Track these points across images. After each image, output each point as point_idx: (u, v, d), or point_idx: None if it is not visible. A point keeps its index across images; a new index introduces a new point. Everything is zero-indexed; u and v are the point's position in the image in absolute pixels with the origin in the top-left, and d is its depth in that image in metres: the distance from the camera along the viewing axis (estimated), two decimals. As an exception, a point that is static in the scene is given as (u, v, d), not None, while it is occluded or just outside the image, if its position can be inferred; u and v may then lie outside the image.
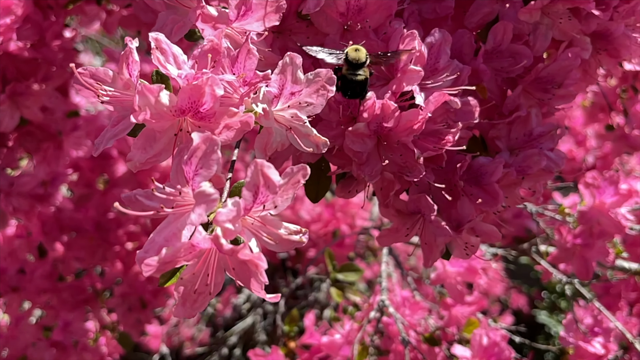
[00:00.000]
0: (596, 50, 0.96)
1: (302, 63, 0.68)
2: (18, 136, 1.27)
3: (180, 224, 0.53)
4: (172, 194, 0.55)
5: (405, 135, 0.75)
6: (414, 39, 0.76)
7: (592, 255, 1.32)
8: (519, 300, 3.26)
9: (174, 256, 0.51)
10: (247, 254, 0.52)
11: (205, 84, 0.54)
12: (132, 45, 0.58)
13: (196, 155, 0.52)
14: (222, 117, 0.57)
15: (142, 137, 0.57)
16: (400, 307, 1.53)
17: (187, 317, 0.58)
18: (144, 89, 0.53)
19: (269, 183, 0.53)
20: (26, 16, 1.05)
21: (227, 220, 0.50)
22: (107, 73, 0.61)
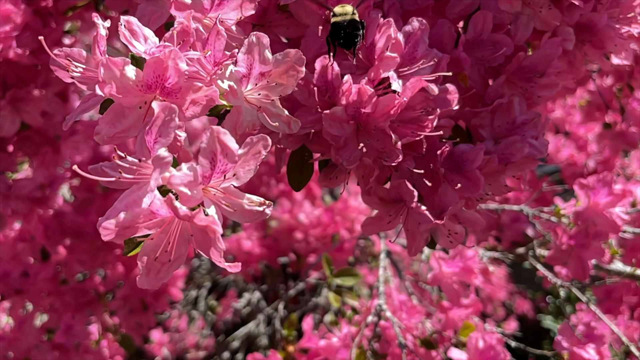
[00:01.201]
0: (580, 41, 0.95)
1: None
2: (17, 140, 1.29)
3: (142, 192, 0.53)
4: (134, 164, 0.55)
5: (383, 120, 0.75)
6: (389, 26, 0.76)
7: (588, 255, 1.32)
8: (523, 305, 3.21)
9: (132, 221, 0.51)
10: (202, 218, 0.52)
11: (167, 57, 0.54)
12: (99, 21, 0.59)
13: (156, 124, 0.53)
14: (188, 93, 0.57)
15: (110, 112, 0.58)
16: (398, 311, 1.52)
17: (151, 287, 0.57)
18: (108, 62, 0.54)
19: (227, 150, 0.54)
20: (26, 24, 1.08)
21: (182, 183, 0.51)
22: (81, 53, 0.62)
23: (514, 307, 3.21)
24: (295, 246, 1.85)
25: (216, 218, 0.53)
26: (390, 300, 1.66)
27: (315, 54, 0.80)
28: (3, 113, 1.15)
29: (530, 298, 3.38)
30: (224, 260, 0.56)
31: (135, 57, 0.62)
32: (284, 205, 1.87)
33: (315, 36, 0.81)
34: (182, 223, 0.55)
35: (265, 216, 0.59)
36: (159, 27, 0.72)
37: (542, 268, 1.51)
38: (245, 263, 1.88)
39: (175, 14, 0.68)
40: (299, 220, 1.80)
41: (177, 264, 0.57)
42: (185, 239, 0.56)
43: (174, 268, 0.57)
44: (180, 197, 0.51)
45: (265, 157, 0.60)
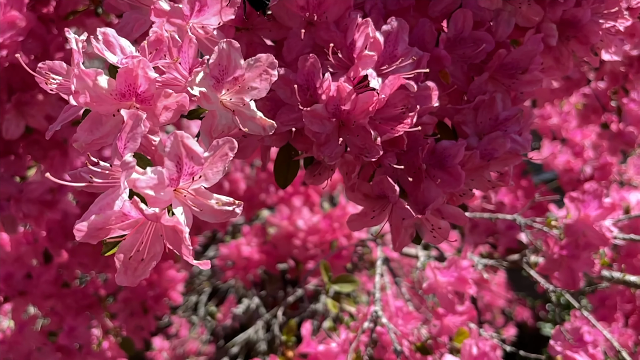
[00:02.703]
0: (566, 37, 0.95)
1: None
2: (26, 145, 1.32)
3: (115, 195, 0.55)
4: (106, 168, 0.58)
5: (362, 117, 0.76)
6: (367, 26, 0.78)
7: (578, 266, 1.35)
8: (523, 312, 3.19)
9: (104, 223, 0.53)
10: (167, 219, 0.54)
11: (137, 66, 0.56)
12: (71, 36, 0.62)
13: (125, 131, 0.55)
14: (160, 99, 0.59)
15: (88, 120, 0.61)
16: (394, 318, 1.53)
17: (129, 284, 0.59)
18: (81, 72, 0.56)
19: (192, 154, 0.55)
20: (30, 30, 1.11)
21: (147, 186, 0.53)
22: (62, 66, 0.65)
23: (513, 314, 3.19)
24: (294, 252, 1.86)
25: (181, 219, 0.56)
26: (387, 306, 1.67)
27: (298, 54, 0.81)
28: (8, 116, 1.18)
29: (530, 305, 3.36)
30: (192, 258, 0.57)
31: (114, 67, 0.64)
32: (283, 211, 1.88)
33: (297, 37, 0.82)
34: (154, 224, 0.57)
35: (235, 215, 0.60)
36: (142, 32, 0.75)
37: (536, 274, 1.52)
38: (245, 269, 1.90)
39: (155, 20, 0.71)
40: (298, 227, 1.82)
41: (152, 261, 0.59)
42: (158, 238, 0.58)
43: (150, 266, 0.59)
44: (146, 199, 0.53)
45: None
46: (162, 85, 0.62)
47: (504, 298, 2.85)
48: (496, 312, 2.97)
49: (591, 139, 2.11)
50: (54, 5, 1.22)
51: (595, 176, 2.03)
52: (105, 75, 0.59)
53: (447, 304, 1.50)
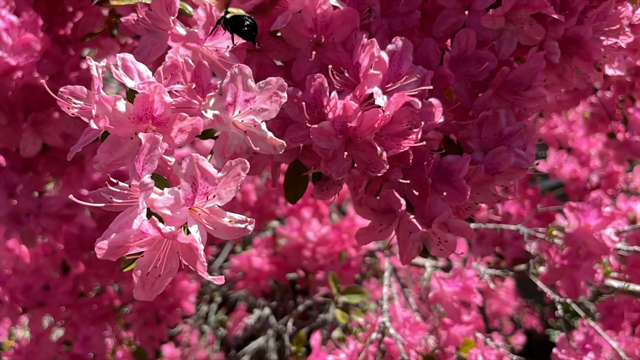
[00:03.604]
0: (568, 54, 0.97)
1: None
2: (44, 161, 1.36)
3: (133, 214, 0.58)
4: (125, 189, 0.60)
5: (368, 133, 0.78)
6: (372, 46, 0.80)
7: (580, 275, 1.36)
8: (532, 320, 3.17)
9: (124, 241, 0.55)
10: (184, 237, 0.56)
11: (153, 92, 0.59)
12: (92, 63, 0.65)
13: (143, 153, 0.58)
14: (175, 122, 0.62)
15: (107, 142, 0.64)
16: (401, 328, 1.54)
17: (146, 299, 0.61)
18: (101, 98, 0.59)
19: (206, 175, 0.58)
20: (45, 51, 1.14)
21: (164, 206, 0.55)
22: (83, 90, 0.68)
23: (522, 321, 3.16)
24: (304, 263, 1.87)
25: (197, 237, 0.58)
26: (395, 317, 1.68)
27: (307, 74, 0.84)
28: (25, 135, 1.22)
29: (539, 312, 3.34)
30: (207, 274, 0.60)
31: (132, 91, 0.67)
32: (293, 223, 1.90)
33: (306, 58, 0.85)
34: (170, 241, 0.59)
35: (248, 232, 0.63)
36: (160, 56, 0.78)
37: (542, 284, 1.53)
38: (256, 280, 1.91)
39: (172, 45, 0.74)
40: (307, 238, 1.83)
41: (168, 277, 0.61)
42: (174, 254, 0.61)
43: (167, 281, 0.61)
44: (163, 218, 0.56)
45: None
46: (176, 109, 0.64)
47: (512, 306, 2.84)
48: (504, 320, 2.96)
49: (597, 148, 2.11)
50: (71, 27, 1.26)
51: (601, 185, 2.03)
52: (123, 100, 0.61)
53: (453, 314, 1.51)
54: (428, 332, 1.64)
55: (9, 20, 1.11)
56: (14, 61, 1.09)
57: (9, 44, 1.10)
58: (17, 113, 1.20)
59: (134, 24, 0.78)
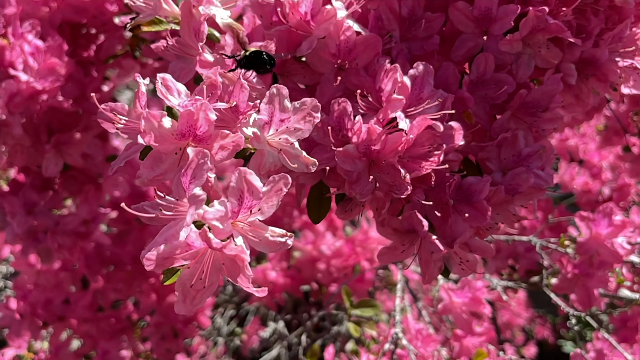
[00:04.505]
0: (585, 75, 0.99)
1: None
2: (62, 180, 1.38)
3: (179, 227, 0.59)
4: (172, 202, 0.62)
5: (392, 156, 0.80)
6: (396, 71, 0.83)
7: (593, 284, 1.35)
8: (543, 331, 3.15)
9: (171, 253, 0.57)
10: (232, 247, 0.57)
11: (199, 109, 0.61)
12: (141, 81, 0.67)
13: (190, 167, 0.59)
14: (216, 139, 0.64)
15: (150, 158, 0.65)
16: (414, 340, 1.55)
17: (187, 313, 0.63)
18: (148, 114, 0.61)
19: (252, 189, 0.60)
20: (69, 74, 1.18)
21: (214, 218, 0.57)
22: (124, 107, 0.70)
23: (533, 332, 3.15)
24: (318, 276, 1.89)
25: (244, 247, 0.59)
26: (408, 329, 1.69)
27: (330, 98, 0.86)
28: (48, 156, 1.24)
29: (551, 322, 3.33)
30: (251, 286, 0.61)
31: (170, 109, 0.70)
32: (307, 236, 1.92)
33: (329, 82, 0.87)
34: (214, 253, 0.60)
35: (287, 246, 0.64)
36: (187, 81, 0.80)
37: (555, 297, 1.53)
38: (270, 293, 1.92)
39: (201, 71, 0.76)
40: (322, 252, 1.85)
41: (210, 290, 0.62)
42: (217, 267, 0.62)
43: (208, 294, 0.62)
44: (212, 230, 0.57)
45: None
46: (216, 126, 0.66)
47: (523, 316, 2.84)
48: (516, 330, 2.95)
49: (609, 160, 2.11)
50: (94, 49, 1.29)
51: (613, 197, 2.03)
52: (168, 116, 0.63)
53: (463, 325, 1.52)
54: (440, 344, 1.64)
55: (35, 45, 1.14)
56: (40, 85, 1.12)
57: (35, 68, 1.13)
58: (41, 134, 1.23)
59: (163, 50, 0.80)
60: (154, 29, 0.80)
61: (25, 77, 1.09)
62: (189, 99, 0.66)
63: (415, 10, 0.92)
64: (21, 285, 1.53)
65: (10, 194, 1.32)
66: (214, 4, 0.78)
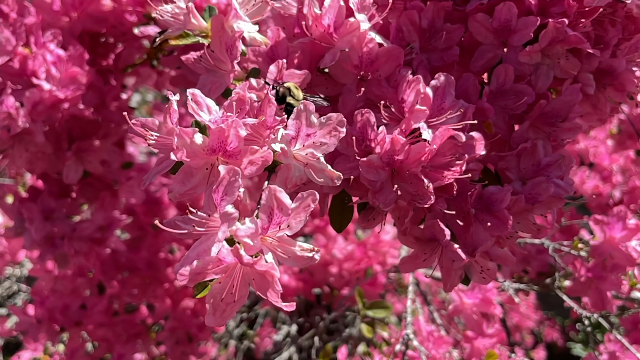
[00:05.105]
0: (602, 85, 1.00)
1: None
2: (80, 187, 1.40)
3: (210, 242, 0.61)
4: (203, 218, 0.63)
5: (415, 166, 0.81)
6: (418, 83, 0.84)
7: (606, 287, 1.37)
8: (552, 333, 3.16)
9: (203, 268, 0.59)
10: (262, 264, 0.59)
11: (230, 126, 0.63)
12: (173, 98, 0.68)
13: (222, 184, 0.61)
14: (246, 155, 0.65)
15: (181, 173, 0.67)
16: (425, 342, 1.56)
17: (217, 325, 0.64)
18: (181, 131, 0.62)
19: (282, 206, 0.61)
20: (90, 83, 1.20)
21: (246, 235, 0.59)
22: (154, 122, 0.71)
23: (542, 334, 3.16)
24: (330, 280, 1.90)
25: (275, 264, 0.61)
26: (419, 331, 1.70)
27: (352, 109, 0.88)
28: (69, 163, 1.26)
29: (560, 324, 3.33)
30: (280, 301, 0.62)
31: (199, 124, 0.71)
32: (319, 240, 1.93)
33: (352, 93, 0.89)
34: (244, 268, 0.62)
35: (315, 261, 0.65)
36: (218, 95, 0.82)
37: (568, 299, 1.54)
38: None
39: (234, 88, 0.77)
40: (334, 255, 1.86)
41: (240, 304, 0.64)
42: (246, 282, 0.63)
43: (237, 307, 0.64)
44: (244, 246, 0.59)
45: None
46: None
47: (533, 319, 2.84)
48: (525, 333, 2.96)
49: (619, 163, 2.11)
50: (113, 58, 1.31)
51: (624, 200, 2.03)
52: (199, 133, 0.65)
53: (473, 326, 1.53)
54: (452, 346, 1.65)
55: (57, 54, 1.15)
56: (62, 94, 1.14)
57: (57, 77, 1.14)
58: (62, 142, 1.24)
59: (193, 63, 0.82)
60: (181, 42, 0.82)
61: (48, 86, 1.11)
62: (220, 115, 0.67)
63: (435, 21, 0.93)
64: (39, 291, 1.55)
65: (29, 201, 1.34)
66: (242, 18, 0.79)
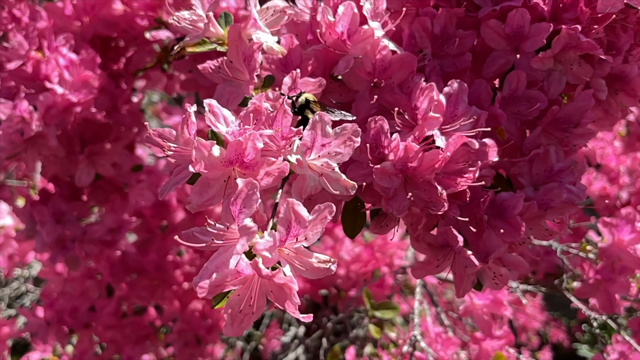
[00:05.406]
0: (614, 90, 1.00)
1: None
2: (90, 190, 1.41)
3: (228, 254, 0.62)
4: (221, 230, 0.64)
5: (428, 173, 0.82)
6: (432, 90, 0.84)
7: (615, 289, 1.37)
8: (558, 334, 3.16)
9: (222, 280, 0.59)
10: (281, 277, 0.60)
11: (248, 139, 0.64)
12: (191, 110, 0.69)
13: (240, 197, 0.62)
14: (262, 166, 0.66)
15: (198, 185, 0.68)
16: (433, 343, 1.57)
17: (235, 335, 0.65)
18: (199, 144, 0.63)
19: (299, 218, 0.62)
20: (102, 87, 1.21)
21: (265, 249, 0.59)
22: (171, 132, 0.72)
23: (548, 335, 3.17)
24: (337, 282, 1.91)
25: (293, 277, 0.62)
26: (427, 332, 1.71)
27: (365, 115, 0.89)
28: (81, 166, 1.27)
29: (566, 325, 3.34)
30: (298, 312, 0.63)
31: (215, 134, 0.72)
32: (327, 242, 1.94)
33: (364, 100, 0.89)
34: (261, 279, 0.63)
35: (331, 272, 0.66)
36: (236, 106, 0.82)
37: (576, 300, 1.54)
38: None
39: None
40: (341, 257, 1.87)
41: (258, 314, 0.65)
42: (264, 293, 0.64)
43: (255, 318, 0.65)
44: (262, 259, 0.60)
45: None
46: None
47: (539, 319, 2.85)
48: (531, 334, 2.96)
49: (627, 164, 2.11)
50: (124, 62, 1.32)
51: (631, 202, 2.03)
52: (217, 145, 0.66)
53: (484, 327, 1.54)
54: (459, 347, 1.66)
55: (69, 58, 1.16)
56: (75, 98, 1.15)
57: (70, 81, 1.15)
58: (74, 145, 1.25)
59: (210, 73, 0.82)
60: (198, 49, 0.82)
61: (61, 90, 1.12)
62: (238, 127, 0.67)
63: (447, 28, 0.94)
64: (48, 294, 1.56)
65: (40, 203, 1.35)
66: (261, 28, 0.80)
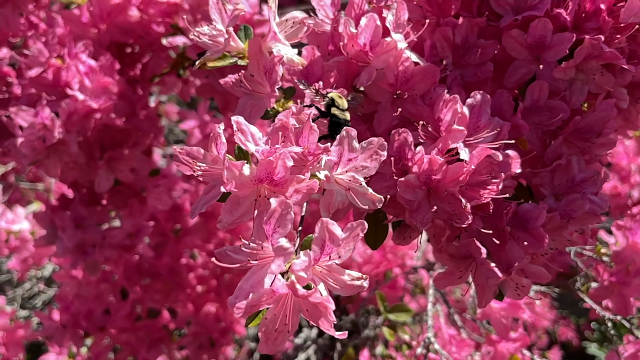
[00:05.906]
0: (635, 99, 1.00)
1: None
2: (109, 195, 1.43)
3: (262, 273, 0.63)
4: (255, 249, 0.65)
5: (452, 185, 0.82)
6: (455, 102, 0.84)
7: (630, 292, 1.38)
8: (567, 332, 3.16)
9: (258, 300, 0.60)
10: (317, 297, 0.61)
11: (278, 158, 0.64)
12: (220, 130, 0.69)
13: (274, 217, 0.62)
14: (292, 184, 0.67)
15: (229, 203, 0.68)
16: (447, 345, 1.57)
17: (270, 352, 0.66)
18: (230, 165, 0.64)
19: (333, 237, 0.63)
20: (120, 93, 1.22)
21: (301, 269, 0.60)
22: (200, 151, 0.72)
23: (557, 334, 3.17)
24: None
25: (328, 297, 0.62)
26: (440, 333, 1.72)
27: (388, 127, 0.89)
28: (101, 172, 1.28)
29: (575, 324, 3.33)
30: (333, 329, 0.64)
31: (242, 151, 0.72)
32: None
33: (387, 112, 0.90)
34: (294, 297, 0.64)
35: (364, 289, 0.67)
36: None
37: (589, 300, 1.55)
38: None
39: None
40: (353, 259, 1.87)
41: (292, 331, 0.65)
42: (298, 310, 0.65)
43: (290, 335, 0.66)
44: (297, 279, 0.60)
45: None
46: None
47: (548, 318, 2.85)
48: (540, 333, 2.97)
49: (638, 163, 2.11)
50: (140, 68, 1.32)
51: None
52: (247, 165, 0.66)
53: (501, 330, 1.55)
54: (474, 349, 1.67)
55: (89, 65, 1.17)
56: (95, 104, 1.15)
57: (90, 87, 1.16)
58: (94, 151, 1.26)
59: (232, 86, 0.83)
60: (219, 64, 0.83)
61: (81, 97, 1.13)
62: (265, 143, 0.68)
63: (468, 37, 0.94)
64: (64, 297, 1.58)
65: (61, 209, 1.36)
66: (280, 41, 0.80)
